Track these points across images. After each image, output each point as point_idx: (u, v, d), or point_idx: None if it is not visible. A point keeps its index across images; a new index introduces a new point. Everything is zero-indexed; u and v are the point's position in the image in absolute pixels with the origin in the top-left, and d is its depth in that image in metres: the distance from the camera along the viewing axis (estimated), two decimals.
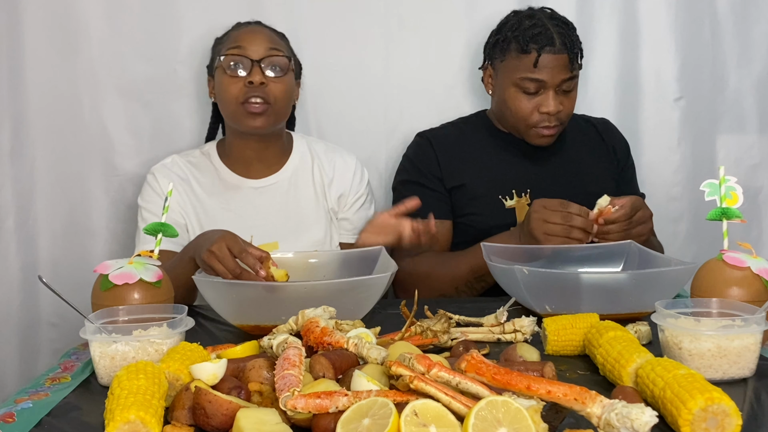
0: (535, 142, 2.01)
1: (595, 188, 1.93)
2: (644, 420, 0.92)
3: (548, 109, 1.94)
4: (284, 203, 1.97)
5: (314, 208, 1.99)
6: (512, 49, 1.95)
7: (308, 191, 2.00)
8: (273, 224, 1.93)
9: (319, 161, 2.03)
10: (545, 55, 1.91)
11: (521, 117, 1.97)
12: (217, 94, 1.93)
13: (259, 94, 1.85)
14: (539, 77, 1.92)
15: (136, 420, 0.95)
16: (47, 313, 2.19)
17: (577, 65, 1.97)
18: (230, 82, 1.87)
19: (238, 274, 1.52)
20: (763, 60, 2.33)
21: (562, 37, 1.93)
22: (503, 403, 0.93)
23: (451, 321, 1.40)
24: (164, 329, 1.26)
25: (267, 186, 1.98)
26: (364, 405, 0.96)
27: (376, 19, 2.23)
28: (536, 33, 1.92)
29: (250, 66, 1.86)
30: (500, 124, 2.09)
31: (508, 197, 2.01)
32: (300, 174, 2.01)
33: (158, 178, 1.94)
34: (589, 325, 1.34)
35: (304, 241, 1.93)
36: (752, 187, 2.34)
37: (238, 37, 1.91)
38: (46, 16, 2.12)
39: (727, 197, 1.43)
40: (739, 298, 1.32)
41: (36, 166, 2.16)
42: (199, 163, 1.99)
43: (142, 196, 1.96)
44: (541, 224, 1.73)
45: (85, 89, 2.16)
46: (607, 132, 2.17)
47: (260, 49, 1.88)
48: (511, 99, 1.97)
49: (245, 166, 1.98)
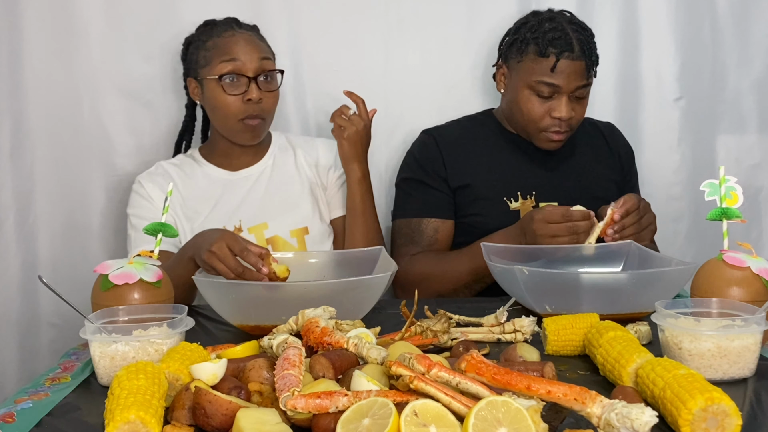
0: (543, 146, 2.00)
1: (600, 193, 1.92)
2: (644, 420, 0.92)
3: (560, 115, 1.92)
4: (268, 186, 2.02)
5: (298, 187, 2.03)
6: (530, 51, 1.94)
7: (291, 173, 2.05)
8: (260, 207, 1.98)
9: (300, 149, 2.08)
10: (564, 60, 1.89)
11: (532, 120, 1.96)
12: (212, 107, 1.95)
13: (257, 111, 1.91)
14: (555, 82, 1.90)
15: (136, 420, 0.95)
16: (47, 313, 2.19)
17: (593, 72, 1.96)
18: (230, 100, 1.90)
19: (240, 273, 1.52)
20: (763, 60, 2.33)
21: (581, 43, 1.91)
22: (503, 403, 0.93)
23: (451, 321, 1.40)
24: (164, 329, 1.26)
25: (250, 175, 2.02)
26: (364, 405, 0.96)
27: (376, 19, 2.23)
28: (556, 37, 1.90)
29: (248, 83, 1.89)
30: (509, 125, 2.08)
31: (513, 199, 2.00)
32: (280, 159, 2.06)
33: (144, 185, 1.97)
34: (589, 325, 1.34)
35: (294, 217, 1.98)
36: (752, 187, 2.34)
37: (227, 47, 1.92)
38: (46, 16, 2.12)
39: (727, 197, 1.43)
40: (739, 298, 1.32)
41: (36, 166, 2.16)
42: (183, 164, 2.03)
43: (129, 204, 1.99)
44: (549, 240, 1.73)
45: (85, 89, 2.16)
46: (612, 137, 2.17)
47: (253, 61, 1.90)
48: (523, 101, 1.96)
49: (229, 161, 2.02)
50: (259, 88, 1.90)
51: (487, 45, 2.24)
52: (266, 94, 1.92)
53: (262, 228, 1.94)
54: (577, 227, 1.73)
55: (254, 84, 1.89)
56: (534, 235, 1.75)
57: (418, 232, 2.02)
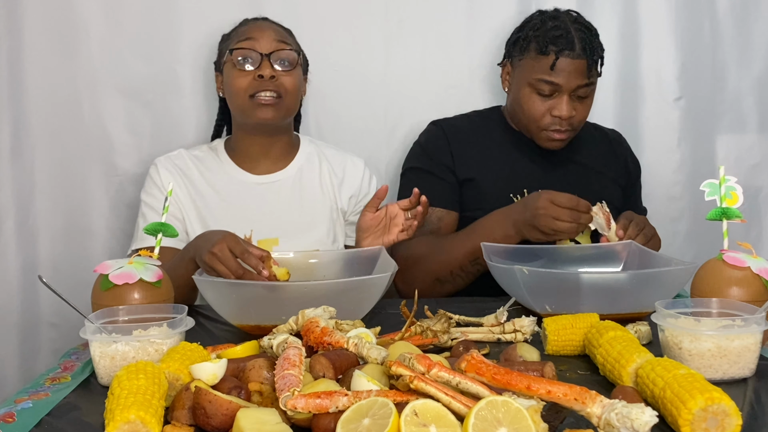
0: (544, 144, 2.00)
1: (605, 195, 1.90)
2: (644, 420, 0.92)
3: (560, 113, 1.91)
4: (288, 200, 1.97)
5: (319, 206, 1.98)
6: (531, 49, 1.93)
7: (314, 189, 1.99)
8: (276, 220, 1.93)
9: (328, 163, 2.03)
10: (563, 58, 1.89)
11: (533, 118, 1.95)
12: (226, 89, 1.93)
13: (270, 87, 1.85)
14: (555, 80, 1.90)
15: (136, 420, 0.95)
16: (47, 313, 2.19)
17: (595, 72, 1.95)
18: (239, 75, 1.86)
19: (241, 275, 1.52)
20: (763, 60, 2.33)
21: (583, 42, 1.90)
22: (503, 403, 0.93)
23: (451, 321, 1.40)
24: (164, 329, 1.26)
25: (271, 182, 1.97)
26: (364, 405, 0.96)
27: (376, 19, 2.24)
28: (557, 35, 1.90)
29: (260, 60, 1.86)
30: (513, 123, 2.08)
31: (519, 195, 1.98)
32: (306, 172, 2.00)
33: (159, 170, 1.94)
34: (589, 325, 1.34)
35: (307, 239, 1.92)
36: (752, 187, 2.34)
37: (246, 31, 1.91)
38: (46, 16, 2.12)
39: (727, 197, 1.43)
40: (739, 298, 1.32)
41: (36, 166, 2.16)
42: (205, 157, 1.99)
43: (144, 188, 1.96)
44: (549, 221, 1.72)
45: (85, 89, 2.16)
46: (620, 145, 2.16)
47: (269, 42, 1.88)
48: (524, 99, 1.95)
49: (251, 161, 1.97)
50: (273, 67, 1.86)
51: (487, 45, 2.25)
52: (282, 73, 1.87)
53: (272, 243, 1.87)
54: (579, 217, 1.72)
55: (267, 61, 1.85)
56: (536, 213, 1.73)
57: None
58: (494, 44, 2.23)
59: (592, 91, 1.97)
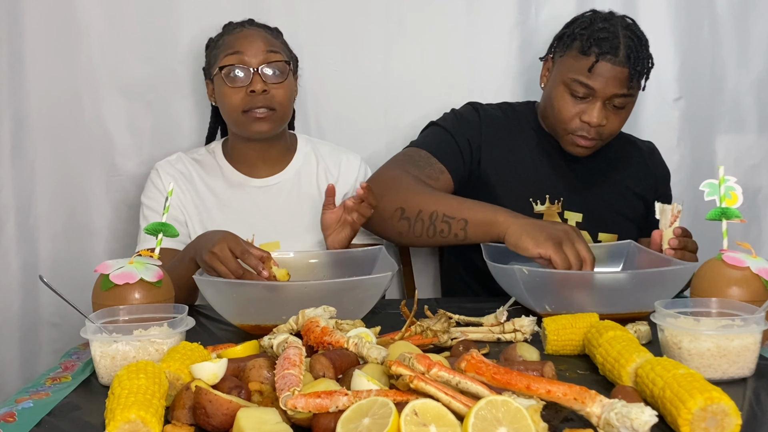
0: (568, 149, 1.92)
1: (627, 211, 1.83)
2: (644, 419, 0.92)
3: (590, 120, 1.83)
4: (287, 203, 1.97)
5: (318, 208, 1.97)
6: (574, 47, 1.85)
7: (312, 192, 1.99)
8: (275, 223, 1.93)
9: (324, 163, 2.02)
10: (604, 62, 1.79)
11: (561, 119, 1.87)
12: (219, 101, 1.92)
13: (262, 102, 1.84)
14: (591, 83, 1.81)
15: (136, 419, 0.96)
16: (48, 312, 2.20)
17: (637, 84, 1.85)
18: (231, 92, 1.85)
19: (241, 275, 1.52)
20: (762, 60, 2.33)
21: (629, 50, 1.80)
22: (503, 403, 0.94)
23: (451, 321, 1.40)
24: (165, 329, 1.26)
25: (270, 185, 1.97)
26: (364, 404, 0.96)
27: (376, 19, 2.24)
28: (603, 37, 1.80)
29: (251, 75, 1.84)
30: (543, 122, 2.00)
31: (540, 201, 1.93)
32: (304, 174, 2.00)
33: (161, 175, 1.94)
34: (588, 324, 1.34)
35: (307, 241, 1.92)
36: (752, 187, 2.34)
37: (233, 42, 1.89)
38: (46, 17, 2.12)
39: (727, 197, 1.43)
40: (739, 297, 1.33)
41: (36, 166, 2.16)
42: (203, 160, 1.99)
43: (144, 192, 1.96)
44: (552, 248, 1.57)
45: (85, 89, 2.16)
46: (652, 158, 2.09)
47: (258, 53, 1.85)
48: (557, 97, 1.87)
49: (249, 166, 1.97)
50: (264, 81, 1.84)
51: (487, 45, 2.25)
52: (273, 86, 1.85)
53: (273, 247, 1.84)
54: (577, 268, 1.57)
55: (258, 75, 1.84)
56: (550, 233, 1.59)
57: (424, 160, 1.91)
58: (494, 44, 2.23)
59: (630, 103, 1.87)
